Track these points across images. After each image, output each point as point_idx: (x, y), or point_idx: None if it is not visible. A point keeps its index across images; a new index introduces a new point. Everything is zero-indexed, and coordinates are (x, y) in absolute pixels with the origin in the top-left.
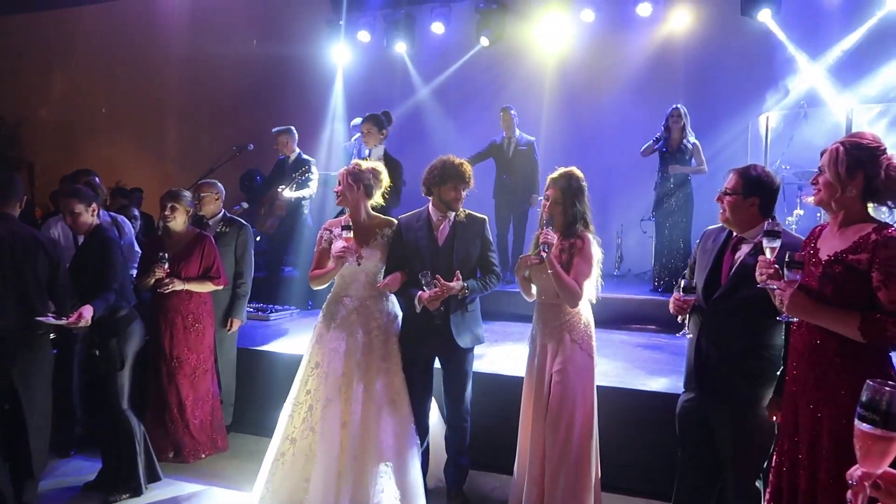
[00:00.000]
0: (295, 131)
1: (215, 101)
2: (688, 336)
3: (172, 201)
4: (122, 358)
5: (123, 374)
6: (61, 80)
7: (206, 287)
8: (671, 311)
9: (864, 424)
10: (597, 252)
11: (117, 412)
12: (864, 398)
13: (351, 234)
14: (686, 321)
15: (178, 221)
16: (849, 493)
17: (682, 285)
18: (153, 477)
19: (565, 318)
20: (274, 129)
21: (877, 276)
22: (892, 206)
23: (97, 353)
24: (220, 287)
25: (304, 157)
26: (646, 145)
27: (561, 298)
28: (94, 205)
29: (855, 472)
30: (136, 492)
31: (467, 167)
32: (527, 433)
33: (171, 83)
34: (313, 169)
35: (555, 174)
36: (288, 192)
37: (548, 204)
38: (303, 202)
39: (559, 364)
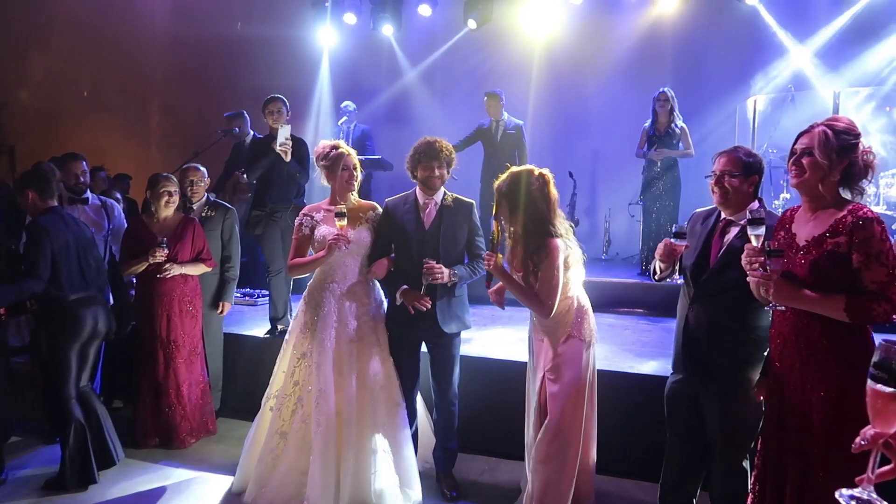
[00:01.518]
0: (247, 114)
1: (199, 84)
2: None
3: (173, 185)
4: (50, 347)
5: (60, 363)
6: (41, 62)
7: (200, 269)
8: (657, 254)
9: (877, 384)
10: (562, 255)
11: (48, 401)
12: (876, 358)
13: (345, 222)
14: (662, 271)
15: (168, 211)
16: (855, 446)
17: (673, 230)
18: (106, 462)
19: (556, 317)
20: (225, 114)
21: (857, 258)
22: (857, 192)
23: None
24: (210, 269)
25: (259, 137)
26: (637, 145)
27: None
28: (29, 192)
29: (867, 431)
30: (61, 485)
31: (442, 144)
32: (529, 420)
33: (154, 66)
34: None
35: (497, 180)
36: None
37: (501, 218)
38: None
39: (551, 361)
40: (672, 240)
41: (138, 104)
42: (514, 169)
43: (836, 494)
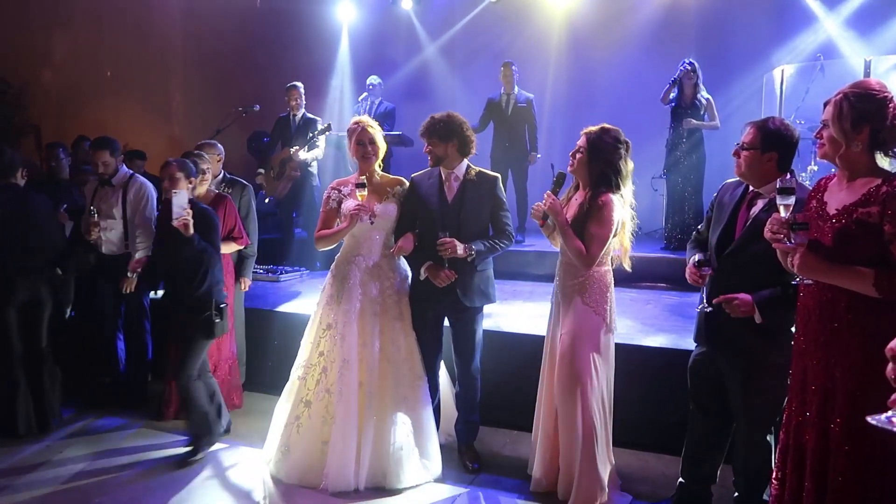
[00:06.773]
0: (300, 87)
1: (220, 61)
2: (706, 311)
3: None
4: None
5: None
6: (63, 43)
7: (231, 248)
8: (689, 281)
9: None
10: (618, 215)
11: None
12: None
13: (365, 192)
14: (703, 294)
15: (201, 188)
16: (889, 368)
17: (696, 259)
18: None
19: (579, 279)
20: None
21: (889, 229)
22: None
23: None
24: (243, 247)
25: (310, 116)
26: (664, 91)
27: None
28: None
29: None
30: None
31: (436, 118)
32: (542, 389)
33: (174, 43)
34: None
35: (590, 127)
36: (303, 154)
37: (575, 155)
38: (312, 163)
39: (568, 325)
40: (696, 268)
41: (160, 82)
42: (608, 126)
43: (868, 418)
